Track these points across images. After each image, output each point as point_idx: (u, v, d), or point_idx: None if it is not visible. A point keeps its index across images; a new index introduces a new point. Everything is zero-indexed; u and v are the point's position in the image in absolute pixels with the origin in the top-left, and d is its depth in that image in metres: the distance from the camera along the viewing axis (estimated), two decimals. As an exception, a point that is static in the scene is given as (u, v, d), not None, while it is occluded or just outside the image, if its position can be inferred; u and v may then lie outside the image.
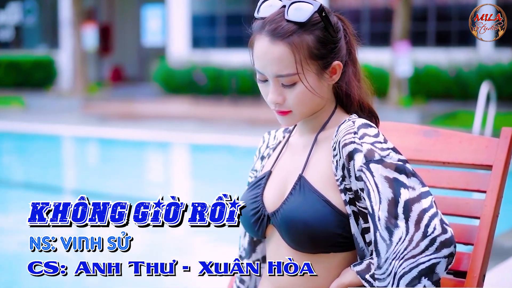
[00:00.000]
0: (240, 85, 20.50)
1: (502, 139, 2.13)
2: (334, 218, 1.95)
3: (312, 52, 1.97)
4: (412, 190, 1.87)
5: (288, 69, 1.95)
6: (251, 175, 2.28)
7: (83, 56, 22.03)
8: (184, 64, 21.78)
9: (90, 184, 9.68)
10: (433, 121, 14.56)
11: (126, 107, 19.50)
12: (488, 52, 18.83)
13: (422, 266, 1.84)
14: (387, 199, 1.87)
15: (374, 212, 1.88)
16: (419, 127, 2.30)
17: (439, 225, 1.85)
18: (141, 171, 11.35)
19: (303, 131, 2.12)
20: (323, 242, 1.95)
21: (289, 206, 2.00)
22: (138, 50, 28.60)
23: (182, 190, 9.64)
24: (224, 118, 17.09)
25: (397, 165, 1.90)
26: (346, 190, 1.95)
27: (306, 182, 2.00)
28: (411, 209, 1.85)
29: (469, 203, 2.16)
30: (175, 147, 14.03)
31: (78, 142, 14.87)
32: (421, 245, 1.84)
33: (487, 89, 10.48)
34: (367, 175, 1.89)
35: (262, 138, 2.32)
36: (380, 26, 20.24)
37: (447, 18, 20.33)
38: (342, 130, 1.96)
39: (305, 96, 1.98)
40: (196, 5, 24.00)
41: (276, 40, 1.95)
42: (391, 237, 1.85)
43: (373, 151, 1.91)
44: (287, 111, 2.01)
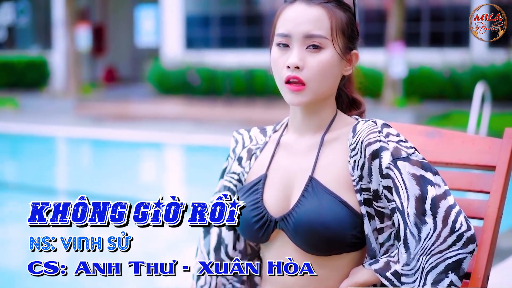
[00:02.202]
0: (234, 86, 20.49)
1: (505, 140, 2.12)
2: (350, 219, 1.94)
3: (344, 27, 2.01)
4: (438, 187, 1.90)
5: (321, 30, 1.97)
6: (229, 179, 2.21)
7: (76, 56, 21.99)
8: (178, 64, 21.75)
9: (84, 185, 9.66)
10: (428, 122, 14.57)
11: (120, 108, 19.47)
12: (482, 53, 18.85)
13: (449, 261, 1.86)
14: (414, 196, 1.89)
15: (403, 209, 1.89)
16: (422, 128, 2.29)
17: (465, 221, 1.88)
18: (135, 172, 11.33)
19: (303, 130, 2.08)
20: (338, 243, 1.94)
21: (303, 209, 1.96)
22: (132, 51, 28.56)
23: (176, 191, 9.62)
24: (218, 119, 17.08)
25: (423, 162, 1.93)
26: (362, 190, 1.95)
27: (318, 183, 1.98)
28: (438, 205, 1.88)
29: (473, 204, 2.14)
30: (169, 147, 14.01)
31: (72, 143, 14.84)
32: (448, 240, 1.87)
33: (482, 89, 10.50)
34: (395, 172, 1.90)
35: (234, 138, 2.26)
36: (374, 27, 20.25)
37: (441, 19, 20.36)
38: (364, 130, 1.96)
39: (326, 66, 1.97)
40: (190, 6, 23.98)
41: (313, 5, 1.99)
42: (420, 233, 1.88)
43: (399, 149, 1.93)
44: (302, 83, 1.97)
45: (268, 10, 23.17)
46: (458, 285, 1.87)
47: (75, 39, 21.99)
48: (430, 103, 17.70)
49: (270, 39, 2.09)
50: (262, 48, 21.28)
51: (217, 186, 2.26)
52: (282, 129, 2.17)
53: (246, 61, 20.71)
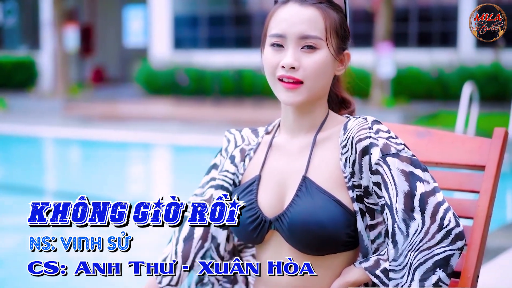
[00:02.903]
0: (223, 86, 20.49)
1: (494, 140, 2.13)
2: (344, 218, 1.95)
3: (337, 28, 2.02)
4: (427, 184, 1.91)
5: (316, 31, 1.98)
6: (222, 177, 2.20)
7: (64, 57, 21.93)
8: (166, 65, 21.73)
9: (72, 185, 9.62)
10: (416, 122, 14.60)
11: (108, 108, 19.43)
12: (470, 53, 18.92)
13: (437, 258, 1.87)
14: (403, 192, 1.90)
15: (392, 205, 1.91)
16: (413, 128, 2.30)
17: (453, 218, 1.89)
18: (123, 172, 11.31)
19: (295, 131, 2.09)
20: (333, 242, 1.95)
21: (297, 209, 1.97)
22: (120, 51, 28.51)
23: (164, 191, 9.61)
24: (206, 119, 17.06)
25: (412, 159, 1.94)
26: (354, 187, 1.97)
27: (311, 183, 1.99)
28: (427, 202, 1.89)
29: (462, 204, 2.15)
30: (158, 148, 13.98)
31: (60, 143, 14.79)
32: (436, 237, 1.87)
33: (470, 90, 10.53)
34: (384, 168, 1.91)
35: (225, 138, 2.26)
36: (362, 27, 20.28)
37: (428, 19, 20.41)
38: (354, 127, 1.98)
39: (321, 66, 1.98)
40: (178, 6, 23.96)
41: (306, 5, 2.00)
42: (408, 229, 1.89)
43: (389, 145, 1.94)
44: (298, 81, 1.98)
45: (256, 10, 23.17)
46: (446, 282, 1.87)
47: (63, 40, 21.92)
48: (418, 103, 17.75)
49: (262, 39, 2.09)
50: (251, 48, 21.29)
51: (202, 181, 2.26)
52: (274, 130, 2.17)
53: (234, 61, 20.72)
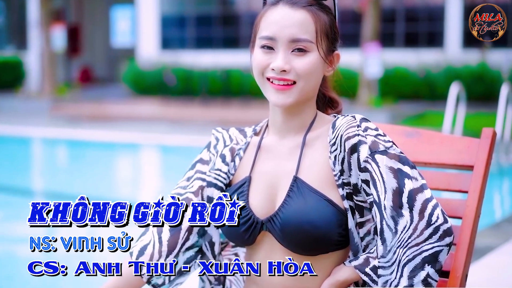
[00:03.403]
0: (210, 86, 20.48)
1: (483, 140, 2.15)
2: (336, 217, 1.96)
3: (327, 30, 2.03)
4: (415, 181, 1.92)
5: (307, 34, 1.98)
6: (214, 175, 2.17)
7: (51, 57, 21.87)
8: (154, 65, 21.70)
9: (59, 185, 9.61)
10: (403, 122, 14.64)
11: (95, 109, 19.39)
12: (456, 53, 19.00)
13: (425, 254, 1.88)
14: (391, 189, 1.91)
15: (380, 202, 1.92)
16: (402, 128, 2.31)
17: (441, 214, 1.90)
18: (111, 172, 11.29)
19: (284, 132, 2.09)
20: (325, 242, 1.96)
21: (289, 209, 1.98)
22: (107, 51, 28.44)
23: (152, 191, 9.60)
24: (194, 119, 17.05)
25: (400, 156, 1.95)
26: (344, 184, 1.97)
27: (303, 183, 2.00)
28: (415, 198, 1.90)
29: (451, 204, 2.17)
30: (145, 148, 13.96)
31: (47, 143, 14.75)
32: (425, 233, 1.89)
33: (457, 90, 10.58)
34: (373, 165, 1.92)
35: (214, 136, 2.24)
36: (350, 28, 20.31)
37: (415, 20, 20.47)
38: (343, 125, 1.99)
39: (312, 69, 1.99)
40: (166, 6, 23.93)
41: (297, 8, 2.00)
42: (396, 225, 1.90)
43: (377, 142, 1.95)
44: (291, 81, 1.99)
45: (244, 10, 23.18)
46: (434, 277, 1.89)
47: (50, 40, 21.86)
48: (405, 103, 17.80)
49: (252, 40, 2.09)
50: (238, 49, 21.30)
51: (187, 174, 2.21)
52: (263, 131, 2.17)
53: (222, 61, 20.71)
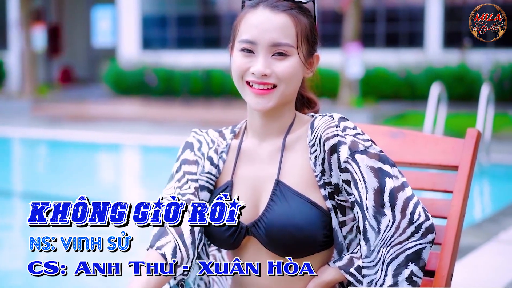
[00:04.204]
0: (192, 86, 20.46)
1: (467, 140, 2.17)
2: (320, 219, 1.97)
3: (308, 34, 2.02)
4: (396, 179, 1.93)
5: (287, 38, 1.97)
6: (204, 178, 2.13)
7: (32, 57, 21.75)
8: (135, 65, 21.65)
9: (40, 186, 9.57)
10: (384, 122, 14.69)
11: (77, 109, 19.32)
12: (436, 53, 19.09)
13: (408, 252, 1.90)
14: (373, 188, 1.92)
15: (362, 202, 1.92)
16: (387, 128, 2.32)
17: (423, 212, 1.92)
18: (92, 173, 11.25)
19: (263, 135, 2.08)
20: (311, 244, 1.96)
21: (273, 214, 1.98)
22: (88, 51, 28.33)
23: (133, 192, 9.59)
24: (175, 119, 17.02)
25: (380, 155, 1.95)
26: (325, 184, 1.98)
27: (285, 186, 2.00)
28: (397, 197, 1.91)
29: (436, 203, 2.19)
30: (127, 148, 13.93)
31: (28, 144, 14.68)
32: (407, 231, 1.90)
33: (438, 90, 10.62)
34: (353, 166, 1.93)
35: (195, 138, 2.18)
36: (331, 28, 20.36)
37: (396, 20, 20.55)
38: (321, 125, 1.98)
39: (294, 71, 1.99)
40: (147, 6, 23.87)
41: (277, 11, 1.99)
42: (379, 225, 1.91)
43: (357, 142, 1.95)
44: (271, 85, 1.98)
45: (225, 10, 23.16)
46: (419, 275, 1.90)
47: (31, 40, 21.75)
48: (386, 103, 17.87)
49: (231, 42, 2.08)
50: (219, 49, 21.28)
51: (176, 176, 2.15)
52: (241, 134, 2.16)
53: (203, 61, 20.70)
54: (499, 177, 10.02)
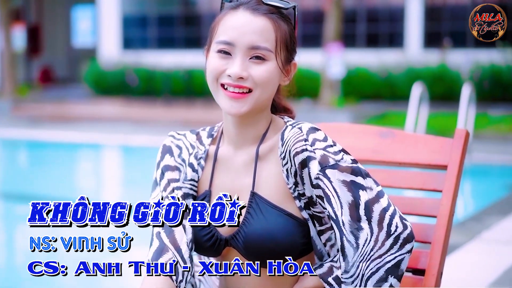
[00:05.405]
0: (173, 86, 20.43)
1: (456, 140, 2.18)
2: (297, 229, 1.95)
3: (287, 39, 1.98)
4: (370, 191, 1.89)
5: (267, 42, 1.93)
6: (187, 185, 2.09)
7: (11, 57, 21.64)
8: (115, 65, 21.60)
9: (21, 186, 9.52)
10: (367, 122, 14.74)
11: (57, 109, 19.24)
12: (416, 54, 19.19)
13: (388, 265, 1.88)
14: (347, 203, 1.88)
15: (337, 218, 1.89)
16: (376, 128, 2.33)
17: (400, 222, 1.89)
18: (72, 173, 11.21)
19: (239, 143, 2.04)
20: (290, 254, 1.93)
21: (250, 227, 1.95)
22: (68, 51, 28.21)
23: (113, 192, 9.56)
24: (157, 119, 16.99)
25: (353, 167, 1.90)
26: (300, 195, 1.95)
27: (261, 198, 1.97)
28: (372, 209, 1.88)
29: (425, 203, 2.20)
30: (108, 149, 13.89)
31: (8, 144, 14.60)
32: (386, 244, 1.88)
33: (420, 90, 10.67)
34: (325, 181, 1.89)
35: (174, 144, 2.13)
36: (312, 28, 20.41)
37: (376, 20, 20.63)
38: (290, 139, 1.94)
39: (269, 78, 1.94)
40: (127, 6, 23.82)
41: (258, 14, 1.95)
42: (357, 240, 1.87)
43: (327, 156, 1.90)
44: (247, 89, 1.93)
45: (205, 10, 23.16)
46: (397, 286, 1.89)
47: (10, 39, 21.63)
48: (367, 103, 17.93)
49: (208, 42, 2.04)
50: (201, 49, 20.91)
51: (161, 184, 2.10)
52: (218, 139, 2.11)
53: (184, 61, 20.68)
54: (481, 176, 10.09)
